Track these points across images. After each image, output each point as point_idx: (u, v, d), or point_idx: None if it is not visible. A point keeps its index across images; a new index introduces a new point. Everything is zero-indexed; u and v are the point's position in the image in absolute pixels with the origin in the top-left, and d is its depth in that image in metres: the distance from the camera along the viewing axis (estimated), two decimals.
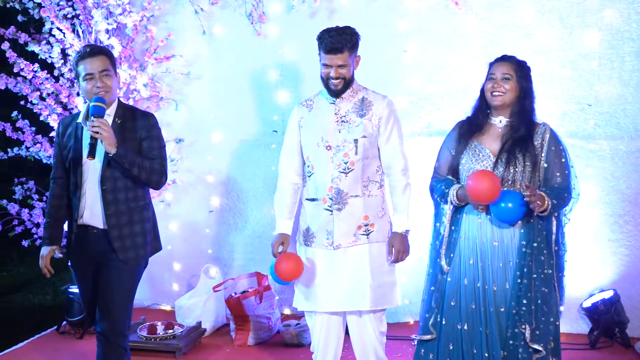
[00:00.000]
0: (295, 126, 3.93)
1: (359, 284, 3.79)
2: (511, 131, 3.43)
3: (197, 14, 5.53)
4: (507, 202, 3.25)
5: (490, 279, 3.40)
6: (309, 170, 3.88)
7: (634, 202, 4.99)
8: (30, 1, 5.35)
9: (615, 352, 4.84)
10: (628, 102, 4.94)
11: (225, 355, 5.00)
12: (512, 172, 3.36)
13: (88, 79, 3.55)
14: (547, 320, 3.36)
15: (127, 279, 3.69)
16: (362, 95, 3.87)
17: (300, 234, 3.95)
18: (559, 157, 3.42)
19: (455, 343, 3.46)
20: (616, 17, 4.88)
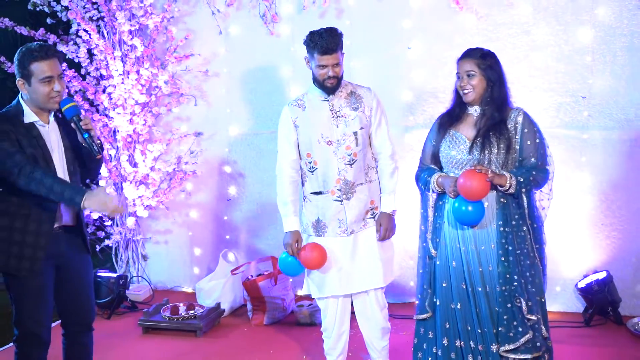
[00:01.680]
0: (291, 126, 3.89)
1: (372, 264, 3.83)
2: (485, 118, 3.43)
3: (214, 15, 5.54)
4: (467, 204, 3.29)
5: (476, 261, 3.40)
6: (312, 165, 3.87)
7: (625, 189, 4.97)
8: (58, 4, 5.38)
9: (608, 329, 4.83)
10: (620, 94, 4.91)
11: (243, 334, 5.02)
12: (487, 155, 3.36)
13: (46, 82, 3.28)
14: (536, 291, 3.38)
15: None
16: (350, 89, 3.88)
17: (309, 227, 3.92)
18: (532, 139, 3.40)
19: (451, 321, 3.46)
20: (608, 14, 4.85)
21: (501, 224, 3.36)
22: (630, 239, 5.00)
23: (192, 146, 5.71)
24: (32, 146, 3.30)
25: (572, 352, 4.37)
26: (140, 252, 5.94)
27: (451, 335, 3.45)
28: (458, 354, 3.44)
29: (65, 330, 3.66)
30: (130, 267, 5.92)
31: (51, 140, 3.41)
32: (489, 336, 3.34)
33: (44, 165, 3.30)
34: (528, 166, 3.37)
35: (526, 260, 3.37)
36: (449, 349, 3.46)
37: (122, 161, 5.62)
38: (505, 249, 3.33)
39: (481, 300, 3.36)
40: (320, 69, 3.74)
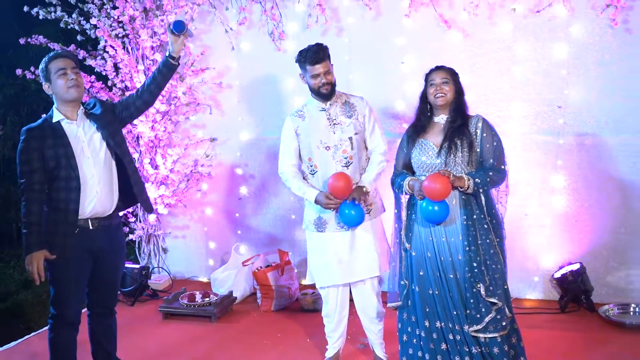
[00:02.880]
0: (292, 134, 3.91)
1: (369, 256, 3.84)
2: (450, 124, 3.49)
3: (227, 33, 5.55)
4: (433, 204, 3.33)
5: (447, 252, 3.44)
6: (313, 168, 3.87)
7: (597, 189, 4.97)
8: (87, 23, 5.38)
9: (582, 315, 4.83)
10: (592, 104, 4.91)
11: (253, 319, 5.01)
12: (452, 157, 3.42)
13: (61, 74, 3.36)
14: (499, 277, 3.40)
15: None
16: (345, 99, 3.90)
17: (311, 224, 3.90)
18: (490, 142, 3.46)
19: (430, 305, 3.48)
20: (582, 32, 4.85)
21: (465, 218, 3.42)
22: (601, 234, 4.99)
23: (207, 150, 5.72)
24: (56, 146, 3.35)
25: (549, 336, 4.36)
26: (160, 245, 5.96)
27: (431, 317, 3.48)
28: (439, 334, 3.47)
29: (91, 311, 3.71)
30: (152, 259, 5.93)
31: (79, 135, 3.43)
32: (461, 318, 3.39)
33: (65, 162, 3.34)
34: (486, 167, 3.44)
35: (489, 249, 3.41)
36: (431, 330, 3.48)
37: (145, 164, 5.63)
38: (469, 240, 3.39)
39: (452, 286, 3.41)
40: (314, 79, 3.77)
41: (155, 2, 5.46)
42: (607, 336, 4.43)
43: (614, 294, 4.98)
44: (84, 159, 3.40)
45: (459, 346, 3.41)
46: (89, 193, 3.40)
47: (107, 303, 3.72)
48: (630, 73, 4.81)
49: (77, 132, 3.42)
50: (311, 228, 3.92)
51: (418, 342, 3.53)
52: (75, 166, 3.36)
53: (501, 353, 3.37)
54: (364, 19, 5.23)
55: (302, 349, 4.38)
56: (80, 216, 3.39)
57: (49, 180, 3.36)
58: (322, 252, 3.90)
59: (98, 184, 3.42)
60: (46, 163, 3.33)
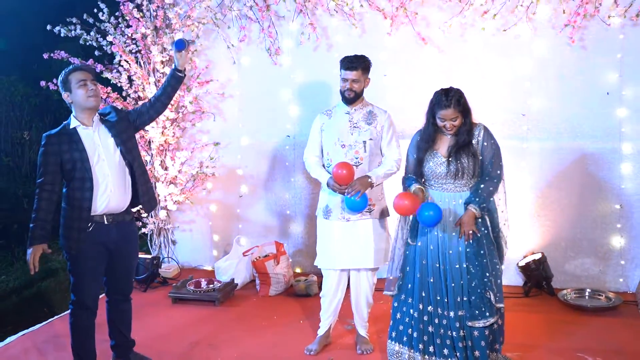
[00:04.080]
0: (318, 129, 3.94)
1: (365, 248, 3.84)
2: (456, 138, 3.48)
3: (229, 49, 5.54)
4: (428, 210, 3.35)
5: (446, 245, 3.47)
6: (328, 162, 3.89)
7: (556, 187, 5.00)
8: (104, 40, 5.37)
9: (543, 299, 4.86)
10: (553, 113, 4.94)
11: (252, 304, 5.01)
12: (459, 167, 3.43)
13: (81, 85, 3.33)
14: (500, 280, 3.48)
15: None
16: (370, 109, 3.89)
17: (320, 210, 3.94)
18: (489, 150, 3.49)
19: (426, 291, 3.51)
20: (543, 49, 4.88)
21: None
22: (561, 227, 5.03)
23: (211, 153, 5.71)
24: (72, 150, 3.33)
25: (514, 318, 4.38)
26: (170, 238, 5.94)
27: (425, 301, 3.52)
28: (429, 317, 3.51)
29: (108, 298, 3.71)
30: (162, 250, 5.92)
31: (94, 139, 3.41)
32: (450, 305, 3.44)
33: (80, 165, 3.33)
34: (486, 180, 3.45)
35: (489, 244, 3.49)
36: (423, 312, 3.52)
37: (156, 165, 5.61)
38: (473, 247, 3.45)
39: (449, 276, 3.45)
40: (342, 82, 3.82)
41: (164, 21, 5.45)
42: (565, 317, 4.47)
43: (571, 280, 5.01)
44: (99, 162, 3.38)
45: (442, 329, 3.47)
46: (103, 192, 3.38)
47: (123, 290, 3.71)
48: (585, 85, 4.85)
49: (92, 136, 3.40)
50: (320, 215, 3.96)
51: (410, 321, 3.57)
52: (89, 168, 3.34)
53: (481, 337, 3.41)
54: (350, 36, 5.23)
55: (296, 329, 4.39)
56: (94, 213, 3.38)
57: (67, 181, 3.36)
58: (326, 237, 3.93)
59: (112, 184, 3.40)
60: (63, 166, 3.33)
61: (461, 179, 3.46)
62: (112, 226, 3.45)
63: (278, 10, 5.35)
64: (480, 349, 3.40)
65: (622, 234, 4.90)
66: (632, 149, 4.82)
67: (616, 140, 4.83)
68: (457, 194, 3.50)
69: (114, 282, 3.64)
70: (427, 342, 3.50)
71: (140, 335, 3.88)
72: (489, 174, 3.45)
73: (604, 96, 4.82)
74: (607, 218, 4.91)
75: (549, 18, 4.79)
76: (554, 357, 3.79)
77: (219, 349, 4.09)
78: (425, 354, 3.50)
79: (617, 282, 4.92)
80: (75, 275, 3.44)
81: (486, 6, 4.82)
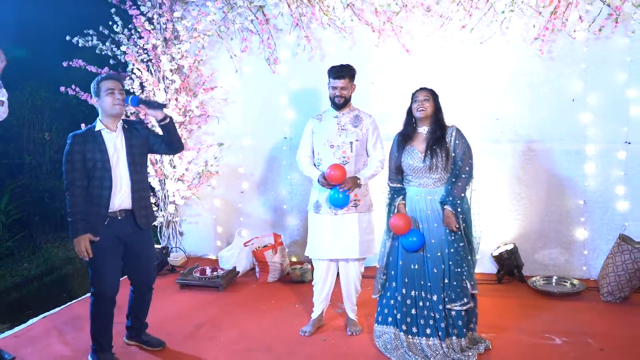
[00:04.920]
0: (310, 132, 3.97)
1: (351, 240, 3.85)
2: (431, 135, 3.55)
3: (231, 58, 5.55)
4: (412, 236, 3.48)
5: (429, 235, 3.53)
6: (319, 161, 3.91)
7: (526, 185, 5.04)
8: (118, 50, 5.38)
9: (514, 285, 4.90)
10: (523, 117, 4.97)
11: (252, 289, 5.03)
12: (434, 162, 3.50)
13: (109, 93, 3.34)
14: (473, 269, 3.55)
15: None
16: (356, 113, 3.93)
17: (312, 205, 3.96)
18: (461, 148, 3.55)
19: (409, 277, 3.56)
20: (515, 60, 4.91)
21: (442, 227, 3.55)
22: (530, 220, 5.07)
23: (215, 153, 5.72)
24: (95, 151, 3.33)
25: (489, 302, 4.41)
26: (177, 229, 5.95)
27: (408, 287, 3.56)
28: (412, 300, 3.56)
29: (134, 288, 3.71)
30: (171, 240, 5.93)
31: (115, 143, 3.41)
32: (432, 289, 3.49)
33: (101, 165, 3.33)
34: (458, 179, 3.52)
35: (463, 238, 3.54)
36: (406, 296, 3.57)
37: (165, 164, 5.63)
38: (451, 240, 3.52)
39: (430, 263, 3.50)
40: (332, 90, 3.85)
41: (173, 33, 5.46)
42: (535, 301, 4.50)
43: (539, 268, 5.05)
44: (117, 164, 3.39)
45: (425, 311, 3.52)
46: (118, 191, 3.39)
47: (147, 280, 3.69)
48: (553, 93, 4.88)
49: (115, 141, 3.41)
50: (311, 209, 3.97)
51: (394, 304, 3.63)
52: (109, 169, 3.35)
53: (458, 317, 3.48)
54: (342, 47, 5.25)
55: (292, 312, 4.41)
56: (110, 209, 3.38)
57: (87, 179, 3.35)
58: (316, 230, 3.94)
59: (126, 185, 3.42)
60: (85, 163, 3.32)
61: (435, 172, 3.52)
62: (125, 220, 3.46)
63: (276, 23, 5.36)
64: (458, 328, 3.47)
65: (585, 227, 4.93)
66: (594, 150, 4.85)
67: (580, 142, 4.87)
68: (432, 190, 3.56)
69: (136, 273, 3.63)
70: (410, 323, 3.55)
71: (150, 318, 3.89)
72: (460, 171, 3.51)
73: (570, 103, 4.85)
74: (571, 212, 4.95)
75: (520, 32, 4.83)
76: (525, 337, 3.82)
77: (222, 330, 4.11)
78: (409, 334, 3.55)
79: (580, 270, 4.97)
80: (93, 267, 3.41)
81: (464, 21, 4.85)
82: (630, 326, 3.98)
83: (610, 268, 4.44)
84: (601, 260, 4.76)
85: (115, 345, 3.64)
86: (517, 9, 4.72)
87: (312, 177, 3.89)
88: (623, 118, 4.76)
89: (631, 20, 4.56)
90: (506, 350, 3.63)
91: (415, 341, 3.53)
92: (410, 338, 3.55)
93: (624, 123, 4.76)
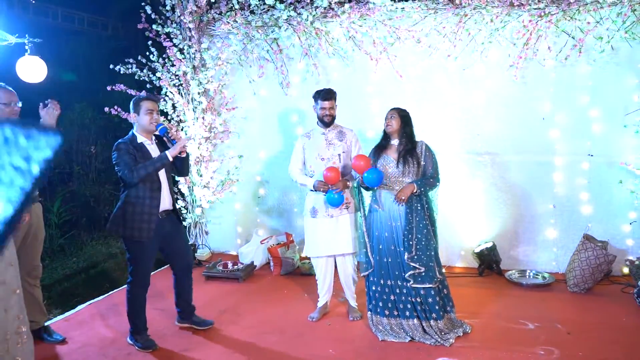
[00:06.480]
0: (301, 148, 3.97)
1: (345, 238, 3.85)
2: (402, 146, 3.60)
3: (250, 83, 5.58)
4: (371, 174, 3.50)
5: (399, 232, 3.55)
6: (312, 173, 3.91)
7: (503, 191, 5.03)
8: (154, 76, 5.42)
9: (494, 278, 4.88)
10: (500, 133, 4.97)
11: (268, 281, 5.04)
12: (407, 168, 3.53)
13: (148, 112, 3.36)
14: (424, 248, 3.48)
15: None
16: (340, 129, 3.95)
17: (307, 211, 3.95)
18: (429, 159, 3.59)
19: (384, 269, 3.58)
20: (493, 83, 4.92)
21: (408, 212, 3.54)
22: (507, 222, 5.05)
23: (236, 164, 5.75)
24: (141, 158, 3.36)
25: (471, 292, 4.41)
26: (204, 229, 5.97)
27: (385, 277, 3.58)
28: (389, 288, 3.58)
29: (176, 274, 3.74)
30: (198, 238, 5.94)
31: (152, 153, 3.46)
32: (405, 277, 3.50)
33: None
34: (426, 176, 3.56)
35: (423, 229, 3.51)
36: (384, 285, 3.60)
37: (193, 173, 5.65)
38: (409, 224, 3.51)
39: (399, 255, 3.52)
40: (321, 110, 3.86)
41: (200, 61, 5.50)
42: (511, 292, 4.50)
43: (515, 263, 5.03)
44: (162, 170, 3.45)
45: (403, 297, 3.52)
46: (162, 194, 3.46)
47: (187, 265, 3.72)
48: (526, 112, 4.88)
49: (156, 150, 3.48)
50: (307, 215, 3.96)
51: (374, 294, 3.64)
52: (157, 174, 3.42)
53: (434, 302, 3.47)
54: (344, 73, 5.28)
55: (301, 301, 4.42)
56: (160, 209, 3.44)
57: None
58: (313, 232, 3.92)
59: (166, 188, 3.49)
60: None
61: (408, 176, 3.54)
62: (166, 219, 3.51)
63: (288, 53, 5.40)
64: (435, 312, 3.47)
65: (555, 228, 4.92)
66: (562, 162, 4.85)
67: (550, 155, 4.86)
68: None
69: (178, 260, 3.67)
70: (391, 308, 3.57)
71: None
72: (431, 175, 3.56)
73: (540, 121, 4.85)
74: (543, 215, 4.94)
75: (497, 60, 4.83)
76: (502, 322, 3.81)
77: (242, 315, 4.12)
78: (391, 317, 3.58)
79: (550, 265, 4.95)
80: (136, 261, 3.42)
81: (449, 51, 4.86)
82: (593, 313, 3.96)
83: (576, 263, 4.42)
84: (568, 257, 4.74)
85: (165, 328, 3.71)
86: (494, 41, 4.74)
87: (307, 184, 3.86)
88: (586, 134, 4.75)
89: (592, 51, 4.56)
90: (485, 333, 3.62)
91: (397, 322, 3.56)
92: (392, 320, 3.57)
93: (587, 138, 4.76)
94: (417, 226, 3.50)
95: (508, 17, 4.63)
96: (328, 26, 5.11)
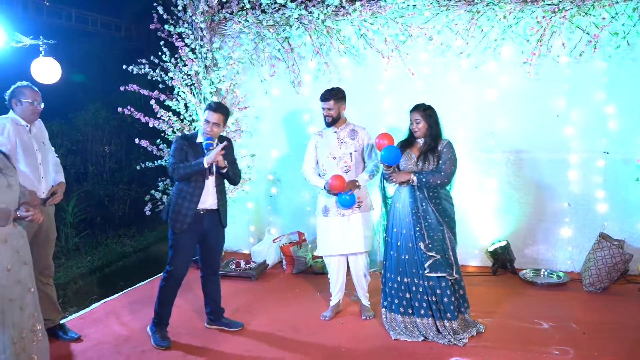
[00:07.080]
0: (313, 147, 3.98)
1: (357, 236, 3.85)
2: (426, 145, 3.58)
3: (262, 82, 5.59)
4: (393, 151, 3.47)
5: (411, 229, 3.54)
6: (324, 172, 3.91)
7: (518, 189, 4.99)
8: (166, 76, 5.44)
9: (507, 277, 4.84)
10: (514, 131, 4.93)
11: (280, 279, 5.05)
12: (426, 165, 3.52)
13: (206, 122, 3.49)
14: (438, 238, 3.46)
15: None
16: (352, 127, 3.94)
17: (320, 210, 3.95)
18: (446, 154, 3.54)
19: (401, 266, 3.57)
20: (507, 81, 4.88)
21: (415, 211, 3.53)
22: (521, 220, 5.01)
23: (249, 162, 5.76)
24: (192, 156, 3.49)
25: (485, 291, 4.39)
26: None
27: (402, 275, 3.57)
28: (406, 286, 3.56)
29: (203, 273, 3.80)
30: None
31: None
32: (422, 275, 3.48)
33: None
34: (434, 170, 3.51)
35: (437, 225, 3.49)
36: (401, 283, 3.58)
37: None
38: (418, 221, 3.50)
39: (414, 251, 3.51)
40: (322, 111, 3.88)
41: (212, 61, 5.51)
42: (525, 291, 4.46)
43: (529, 262, 4.99)
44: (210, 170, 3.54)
45: (419, 295, 3.51)
46: (206, 193, 3.54)
47: (214, 266, 3.78)
48: (540, 109, 4.84)
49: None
50: (319, 214, 3.96)
51: (390, 291, 3.63)
52: (202, 175, 3.52)
53: (449, 302, 3.44)
54: (356, 72, 5.27)
55: (313, 300, 4.42)
56: (198, 206, 3.52)
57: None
58: (326, 231, 3.92)
59: (212, 188, 3.57)
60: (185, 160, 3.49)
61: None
62: (206, 216, 3.57)
63: (300, 52, 5.40)
64: (450, 312, 3.45)
65: (570, 226, 4.87)
66: (577, 159, 4.80)
67: (565, 152, 4.81)
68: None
69: (207, 260, 3.73)
70: (406, 306, 3.56)
71: (194, 303, 3.93)
72: (440, 169, 3.52)
73: (555, 118, 4.80)
74: (557, 213, 4.89)
75: (511, 57, 4.80)
76: (516, 322, 3.78)
77: (254, 313, 4.14)
78: (405, 315, 3.57)
79: (565, 264, 4.90)
80: (174, 249, 3.54)
81: (462, 48, 4.83)
82: (609, 313, 3.92)
83: (592, 262, 4.37)
84: (584, 255, 4.69)
85: (179, 326, 3.77)
86: (508, 37, 4.70)
87: (319, 186, 3.88)
88: (602, 131, 4.70)
89: (607, 47, 4.50)
90: (499, 332, 3.60)
91: (412, 320, 3.55)
92: (406, 318, 3.56)
93: (603, 135, 4.70)
94: (424, 217, 3.50)
95: (521, 14, 4.59)
96: (339, 24, 5.11)
